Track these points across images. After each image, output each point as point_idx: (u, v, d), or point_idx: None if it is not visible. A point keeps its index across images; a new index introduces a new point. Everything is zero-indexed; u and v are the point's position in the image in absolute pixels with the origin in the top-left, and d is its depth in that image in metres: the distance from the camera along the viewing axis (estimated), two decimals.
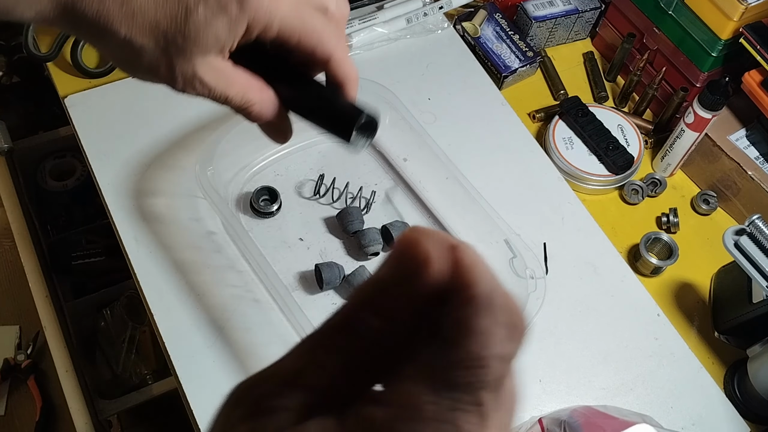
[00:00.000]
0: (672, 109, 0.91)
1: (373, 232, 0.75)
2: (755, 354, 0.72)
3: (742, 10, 0.79)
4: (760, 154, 0.86)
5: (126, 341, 1.26)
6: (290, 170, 0.82)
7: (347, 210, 0.76)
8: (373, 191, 0.79)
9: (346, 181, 0.79)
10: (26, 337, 1.52)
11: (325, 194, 0.79)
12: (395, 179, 0.83)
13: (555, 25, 0.98)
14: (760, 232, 0.68)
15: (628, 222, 0.86)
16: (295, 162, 0.82)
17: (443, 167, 0.76)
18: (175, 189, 0.78)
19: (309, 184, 0.81)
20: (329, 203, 0.80)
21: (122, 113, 0.83)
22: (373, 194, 0.79)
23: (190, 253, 0.74)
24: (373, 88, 0.79)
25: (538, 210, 0.81)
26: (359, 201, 0.79)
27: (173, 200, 0.77)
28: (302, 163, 0.82)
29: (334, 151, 0.83)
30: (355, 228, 0.76)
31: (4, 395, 1.47)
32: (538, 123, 0.94)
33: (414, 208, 0.81)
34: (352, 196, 0.79)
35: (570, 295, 0.76)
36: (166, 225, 0.75)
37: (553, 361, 0.72)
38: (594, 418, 0.59)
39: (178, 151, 0.80)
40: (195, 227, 0.75)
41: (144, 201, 0.77)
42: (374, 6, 0.94)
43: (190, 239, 0.75)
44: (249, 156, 0.80)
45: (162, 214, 0.76)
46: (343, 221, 0.76)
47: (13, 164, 1.27)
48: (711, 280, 0.82)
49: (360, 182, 0.80)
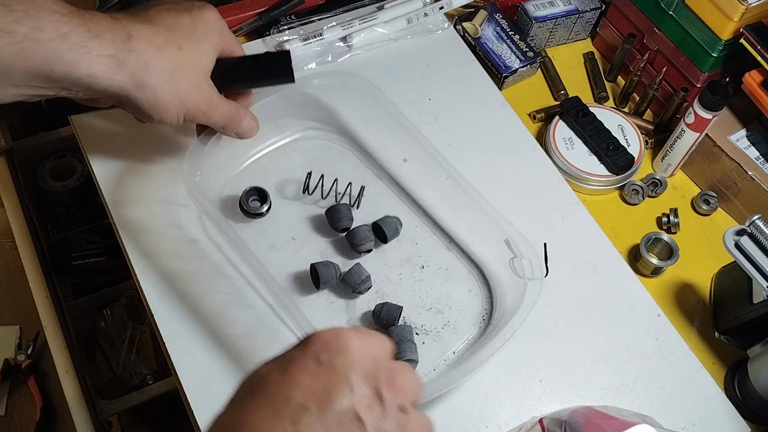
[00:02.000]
0: (672, 109, 0.91)
1: (363, 229, 0.74)
2: (756, 354, 0.72)
3: (743, 10, 0.79)
4: (761, 154, 0.86)
5: (126, 341, 1.26)
6: (273, 169, 0.81)
7: (336, 207, 0.75)
8: (362, 186, 0.78)
9: (335, 178, 0.78)
10: (26, 337, 1.53)
11: (313, 191, 0.78)
12: (381, 175, 0.82)
13: (555, 26, 0.98)
14: (761, 232, 0.68)
15: (628, 222, 0.86)
16: (278, 161, 0.81)
17: (435, 163, 0.75)
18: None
19: (293, 182, 0.80)
20: (316, 202, 0.79)
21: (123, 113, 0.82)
22: (362, 190, 0.78)
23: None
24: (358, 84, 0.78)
25: (538, 210, 0.81)
26: (349, 198, 0.78)
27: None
28: (285, 161, 0.82)
29: (317, 147, 0.83)
30: (345, 225, 0.75)
31: (4, 395, 1.47)
32: (539, 123, 0.94)
33: (403, 203, 0.80)
34: (340, 193, 0.79)
35: (570, 296, 0.76)
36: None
37: (554, 362, 0.72)
38: (594, 419, 0.59)
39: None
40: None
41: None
42: (374, 6, 0.94)
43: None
44: (229, 158, 0.79)
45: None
46: (332, 219, 0.76)
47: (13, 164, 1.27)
48: (711, 281, 0.82)
49: (347, 178, 0.79)
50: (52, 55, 0.54)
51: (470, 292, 0.75)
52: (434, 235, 0.78)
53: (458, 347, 0.72)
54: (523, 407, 0.69)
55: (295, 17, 0.93)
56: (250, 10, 0.92)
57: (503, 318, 0.69)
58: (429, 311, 0.73)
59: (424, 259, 0.77)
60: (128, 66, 0.58)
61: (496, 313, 0.73)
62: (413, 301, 0.74)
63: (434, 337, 0.72)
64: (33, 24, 0.53)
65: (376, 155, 0.82)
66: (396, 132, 0.77)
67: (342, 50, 0.91)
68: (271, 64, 0.72)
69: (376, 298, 0.74)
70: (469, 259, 0.77)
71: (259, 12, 0.92)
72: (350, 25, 0.91)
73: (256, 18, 0.92)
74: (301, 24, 0.92)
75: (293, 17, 0.93)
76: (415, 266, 0.76)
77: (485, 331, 0.72)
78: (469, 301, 0.74)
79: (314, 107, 0.80)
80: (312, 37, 0.90)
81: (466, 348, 0.72)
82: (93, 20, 0.57)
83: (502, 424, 0.68)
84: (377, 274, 0.74)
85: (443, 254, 0.77)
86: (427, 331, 0.72)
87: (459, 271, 0.76)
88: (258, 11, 0.92)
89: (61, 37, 0.54)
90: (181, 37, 0.62)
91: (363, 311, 0.73)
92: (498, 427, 0.68)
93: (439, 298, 0.74)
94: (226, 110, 0.68)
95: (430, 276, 0.76)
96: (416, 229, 0.78)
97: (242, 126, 0.70)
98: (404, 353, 0.68)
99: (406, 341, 0.69)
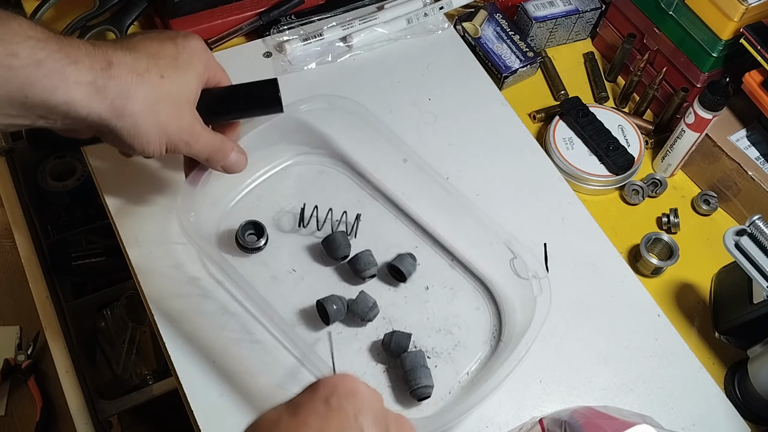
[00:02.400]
0: (672, 109, 0.91)
1: (366, 255, 0.73)
2: (756, 354, 0.72)
3: (743, 10, 0.79)
4: (761, 154, 0.86)
5: (126, 341, 1.26)
6: (268, 199, 0.79)
7: (332, 237, 0.74)
8: (358, 214, 0.77)
9: (329, 208, 0.77)
10: (26, 338, 1.53)
11: (308, 223, 0.77)
12: (376, 195, 0.80)
13: (555, 26, 0.98)
14: (761, 232, 0.68)
15: (628, 222, 0.86)
16: (272, 189, 0.80)
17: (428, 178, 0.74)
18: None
19: (288, 213, 0.78)
20: (312, 233, 0.77)
21: None
22: (357, 217, 0.77)
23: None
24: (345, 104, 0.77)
25: (538, 210, 0.81)
26: (345, 226, 0.76)
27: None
28: (279, 189, 0.80)
29: (310, 172, 0.81)
30: (343, 253, 0.74)
31: (5, 395, 1.47)
32: (539, 123, 0.94)
33: (401, 223, 0.79)
34: (337, 221, 0.77)
35: (570, 296, 0.76)
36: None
37: (554, 362, 0.72)
38: (595, 419, 0.59)
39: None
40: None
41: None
42: (374, 6, 0.95)
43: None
44: (224, 191, 0.77)
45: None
46: (329, 248, 0.74)
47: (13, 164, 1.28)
48: (711, 281, 0.82)
49: (341, 204, 0.78)
50: (27, 81, 0.52)
51: (477, 309, 0.74)
52: (436, 254, 0.77)
53: (471, 368, 0.70)
54: (523, 407, 0.69)
55: (295, 17, 0.93)
56: (250, 10, 0.92)
57: (514, 334, 0.69)
58: (438, 333, 0.72)
59: (428, 280, 0.75)
60: (108, 94, 0.56)
61: (506, 329, 0.72)
62: (421, 324, 0.73)
63: (446, 359, 0.71)
64: (6, 50, 0.51)
65: (369, 176, 0.81)
66: (387, 151, 0.76)
67: (342, 50, 0.91)
68: (259, 93, 0.69)
69: (384, 323, 0.72)
70: (473, 275, 0.76)
71: (259, 12, 0.92)
72: (350, 25, 0.91)
73: (256, 18, 0.92)
74: (301, 24, 0.92)
75: (293, 17, 0.93)
76: (420, 288, 0.75)
77: (496, 348, 0.71)
78: (477, 319, 0.73)
79: (304, 132, 0.79)
80: (312, 37, 0.90)
81: (479, 368, 0.70)
82: (71, 45, 0.54)
83: (502, 424, 0.68)
84: (383, 299, 0.73)
85: (447, 273, 0.76)
86: (438, 353, 0.71)
87: (464, 288, 0.75)
88: (258, 11, 0.92)
89: (37, 63, 0.52)
90: (163, 65, 0.60)
91: (372, 340, 0.71)
92: (498, 427, 0.68)
93: (446, 318, 0.73)
94: (210, 141, 0.64)
95: (436, 296, 0.74)
96: (417, 250, 0.77)
97: (228, 159, 0.67)
98: (419, 380, 0.66)
99: (420, 367, 0.67)
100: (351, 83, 0.88)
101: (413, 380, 0.67)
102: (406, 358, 0.68)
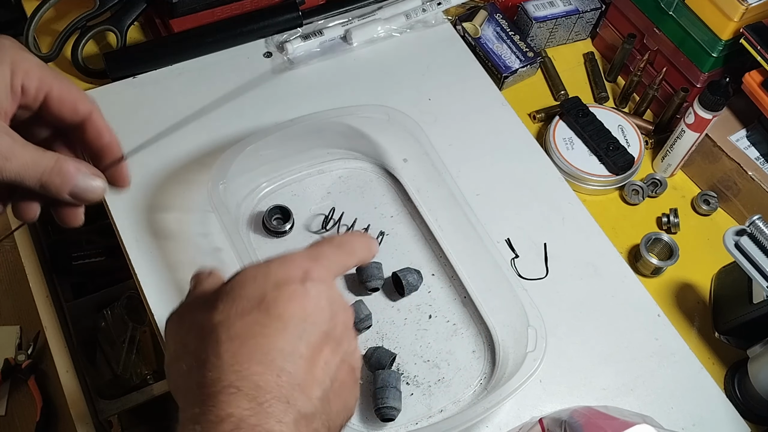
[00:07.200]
0: (672, 109, 0.91)
1: (372, 267, 0.73)
2: (756, 354, 0.72)
3: (743, 10, 0.79)
4: (761, 154, 0.86)
5: (126, 341, 1.26)
6: (304, 194, 0.80)
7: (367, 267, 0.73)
8: (381, 231, 0.77)
9: (354, 218, 0.77)
10: (26, 337, 1.52)
11: (331, 228, 0.77)
12: (413, 213, 0.80)
13: (555, 26, 0.98)
14: (761, 232, 0.68)
15: (628, 222, 0.86)
16: (310, 186, 0.81)
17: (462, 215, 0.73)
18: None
19: (318, 216, 0.78)
20: None
21: (124, 113, 0.82)
22: (381, 234, 0.77)
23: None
24: (400, 119, 0.77)
25: (538, 210, 0.81)
26: None
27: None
28: (314, 192, 0.80)
29: (352, 176, 0.82)
30: (374, 285, 0.74)
31: (5, 395, 1.47)
32: (539, 123, 0.94)
33: (427, 247, 0.78)
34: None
35: (570, 296, 0.76)
36: (171, 240, 0.73)
37: (554, 362, 0.72)
38: (595, 419, 0.59)
39: (193, 165, 0.78)
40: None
41: (153, 216, 0.75)
42: (374, 6, 0.94)
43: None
44: (263, 176, 0.79)
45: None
46: (361, 276, 0.74)
47: None
48: (711, 281, 0.82)
49: (377, 215, 0.78)
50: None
51: (473, 352, 0.72)
52: (451, 287, 0.76)
53: (446, 407, 0.69)
54: (523, 407, 0.69)
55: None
56: (250, 10, 0.92)
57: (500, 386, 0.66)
58: (426, 363, 0.71)
59: (434, 309, 0.74)
60: None
61: (494, 380, 0.70)
62: (413, 350, 0.72)
63: (424, 390, 0.70)
64: None
65: (411, 194, 0.81)
66: (431, 175, 0.76)
67: (342, 49, 0.91)
68: None
69: (375, 338, 0.72)
70: (480, 319, 0.74)
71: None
72: (350, 23, 0.91)
73: None
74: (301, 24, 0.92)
75: None
76: (423, 314, 0.74)
77: (479, 395, 0.70)
78: (470, 362, 0.72)
79: (356, 138, 0.80)
80: (313, 35, 0.90)
81: (456, 410, 0.68)
82: None
83: (501, 425, 0.68)
84: (382, 314, 0.73)
85: (455, 308, 0.75)
86: (418, 383, 0.70)
87: (467, 328, 0.74)
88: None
89: None
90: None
91: None
92: (498, 427, 0.68)
93: (440, 351, 0.72)
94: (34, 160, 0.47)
95: (437, 327, 0.74)
96: (433, 278, 0.76)
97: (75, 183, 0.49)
98: (387, 400, 0.65)
99: (390, 387, 0.66)
100: (351, 83, 0.88)
101: (381, 399, 0.65)
102: (380, 375, 0.67)
